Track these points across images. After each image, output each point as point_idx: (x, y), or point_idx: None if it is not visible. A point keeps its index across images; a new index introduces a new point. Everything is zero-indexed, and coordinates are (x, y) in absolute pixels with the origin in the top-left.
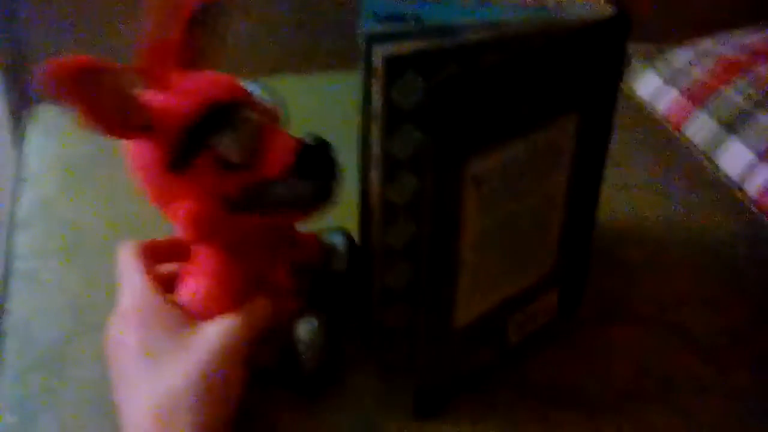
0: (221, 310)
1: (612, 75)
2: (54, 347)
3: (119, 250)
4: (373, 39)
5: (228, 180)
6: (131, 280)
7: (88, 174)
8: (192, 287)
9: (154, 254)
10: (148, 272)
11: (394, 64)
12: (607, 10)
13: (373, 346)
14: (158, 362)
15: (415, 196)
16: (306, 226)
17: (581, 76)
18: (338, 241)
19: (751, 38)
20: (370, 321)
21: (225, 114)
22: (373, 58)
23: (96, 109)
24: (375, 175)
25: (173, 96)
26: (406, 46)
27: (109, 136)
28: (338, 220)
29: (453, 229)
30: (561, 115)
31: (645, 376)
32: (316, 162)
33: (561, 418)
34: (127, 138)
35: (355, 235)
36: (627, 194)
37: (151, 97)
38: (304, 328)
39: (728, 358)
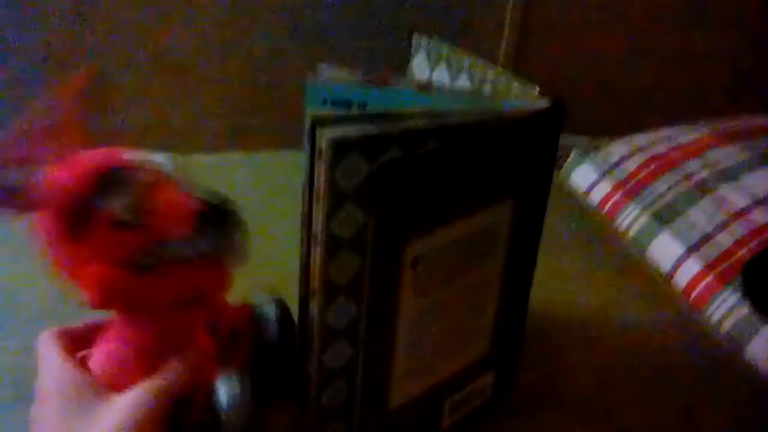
0: (136, 376)
1: (547, 162)
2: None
3: (39, 339)
4: (318, 122)
5: (126, 241)
6: (49, 361)
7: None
8: (105, 354)
9: (71, 339)
10: (66, 352)
11: (338, 147)
12: (541, 100)
13: (308, 424)
14: None
15: (356, 276)
16: (236, 296)
17: (518, 163)
18: (271, 310)
19: (682, 136)
20: (305, 398)
21: (114, 178)
22: (318, 140)
23: None
24: (317, 254)
25: (64, 169)
26: (351, 130)
27: (7, 213)
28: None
29: (390, 309)
30: (498, 200)
31: None
32: (214, 218)
33: None
34: (25, 212)
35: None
36: (560, 282)
37: (46, 173)
38: (225, 391)
39: None
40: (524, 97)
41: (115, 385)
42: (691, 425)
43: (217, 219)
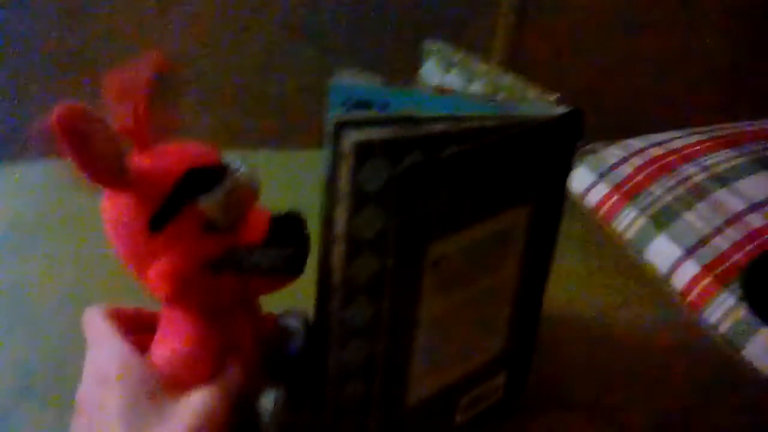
0: (199, 375)
1: (563, 169)
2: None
3: (86, 312)
4: (342, 124)
5: (208, 242)
6: (108, 343)
7: (35, 237)
8: (168, 351)
9: (122, 321)
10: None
11: (363, 150)
12: (558, 107)
13: (324, 421)
14: (141, 428)
15: (376, 276)
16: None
17: (536, 168)
18: (294, 323)
19: (679, 140)
20: (322, 396)
21: (213, 176)
22: (342, 143)
23: (88, 156)
24: (337, 253)
25: (160, 157)
26: (374, 133)
27: (97, 185)
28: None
29: (411, 309)
30: (516, 204)
31: None
32: (291, 232)
33: None
34: (115, 188)
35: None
36: (560, 282)
37: (140, 158)
38: (269, 402)
39: None
40: (541, 103)
41: (181, 382)
42: (697, 422)
43: (292, 234)
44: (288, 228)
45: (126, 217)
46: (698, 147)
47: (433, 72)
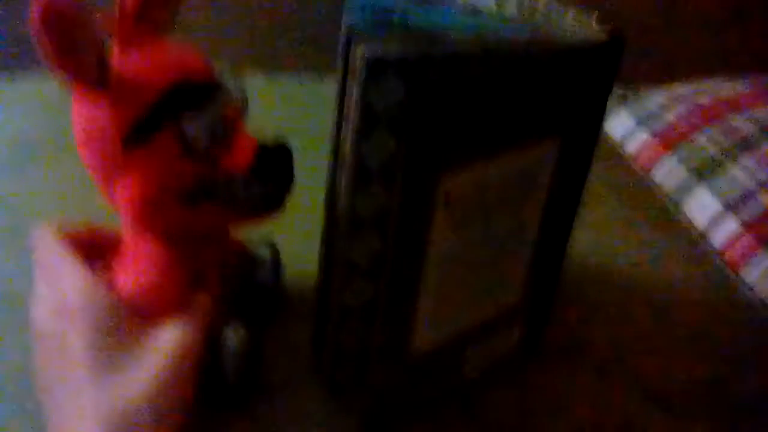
0: (165, 306)
1: (599, 102)
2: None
3: (37, 233)
4: (354, 35)
5: (186, 167)
6: (69, 270)
7: (36, 154)
8: (132, 280)
9: (77, 245)
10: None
11: (375, 65)
12: (599, 32)
13: (322, 365)
14: (110, 369)
15: (383, 209)
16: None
17: (568, 99)
18: (264, 253)
19: (725, 88)
20: (321, 339)
21: (202, 93)
22: (353, 56)
23: (65, 51)
24: (343, 182)
25: (146, 62)
26: (390, 47)
27: (73, 85)
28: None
29: (419, 246)
30: (543, 137)
31: (602, 423)
32: (275, 165)
33: None
34: (91, 90)
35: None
36: (592, 233)
37: (122, 59)
38: (231, 336)
39: (686, 407)
40: (580, 27)
41: (147, 313)
42: (724, 385)
43: (277, 167)
44: (274, 159)
45: (100, 125)
46: (749, 97)
47: None
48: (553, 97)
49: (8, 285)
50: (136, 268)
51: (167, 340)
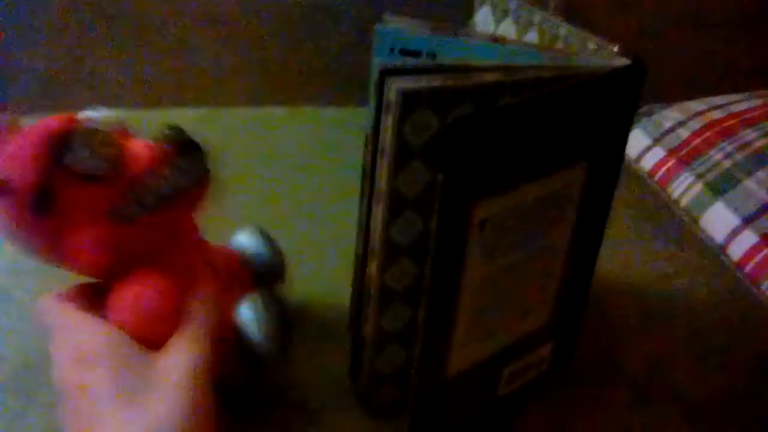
0: (168, 323)
1: (623, 124)
2: (24, 370)
3: (40, 304)
4: (387, 72)
5: (99, 194)
6: (85, 324)
7: None
8: (128, 308)
9: (78, 302)
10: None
11: (409, 99)
12: (620, 58)
13: (359, 388)
14: (135, 401)
15: (418, 237)
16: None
17: (594, 124)
18: (245, 238)
19: (739, 104)
20: (358, 362)
21: (68, 139)
22: (386, 92)
23: None
24: (379, 212)
25: (7, 150)
26: (422, 82)
27: None
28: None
29: (455, 271)
30: (571, 162)
31: None
32: (181, 151)
33: None
34: None
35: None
36: (613, 249)
37: None
38: (246, 308)
39: (716, 421)
40: (601, 54)
41: (150, 339)
42: (752, 398)
43: (184, 151)
44: (175, 140)
45: (13, 218)
46: (761, 111)
47: (486, 20)
48: (581, 122)
49: None
50: (129, 291)
51: (175, 364)
